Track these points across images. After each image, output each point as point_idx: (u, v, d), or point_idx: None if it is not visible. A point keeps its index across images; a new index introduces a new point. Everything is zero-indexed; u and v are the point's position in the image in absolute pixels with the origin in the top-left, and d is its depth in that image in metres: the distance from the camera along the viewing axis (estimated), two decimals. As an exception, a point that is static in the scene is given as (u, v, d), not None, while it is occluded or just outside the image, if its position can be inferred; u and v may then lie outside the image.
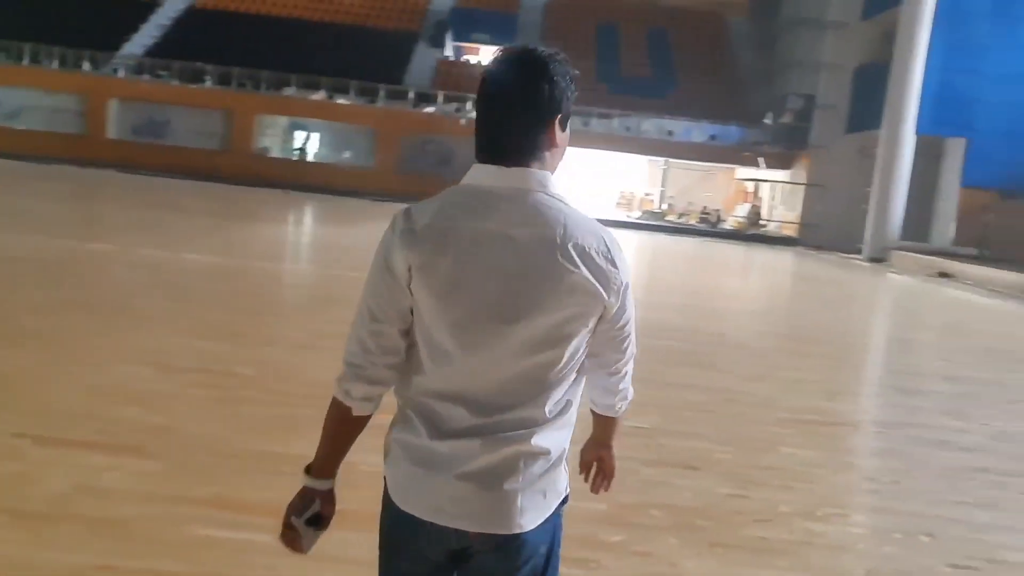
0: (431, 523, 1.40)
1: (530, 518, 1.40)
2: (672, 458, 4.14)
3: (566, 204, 1.40)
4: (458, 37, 33.54)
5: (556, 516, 1.45)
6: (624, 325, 1.46)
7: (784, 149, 27.97)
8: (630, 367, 1.56)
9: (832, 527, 3.52)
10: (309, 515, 1.44)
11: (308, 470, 1.48)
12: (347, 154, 29.95)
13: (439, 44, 32.60)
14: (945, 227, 24.49)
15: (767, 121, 28.67)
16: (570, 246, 1.35)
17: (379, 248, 1.41)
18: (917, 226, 24.02)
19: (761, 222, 29.40)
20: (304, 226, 18.45)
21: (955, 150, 23.77)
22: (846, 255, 23.84)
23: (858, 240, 23.79)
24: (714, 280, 15.36)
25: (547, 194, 1.38)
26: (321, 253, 13.09)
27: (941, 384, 6.98)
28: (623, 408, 1.62)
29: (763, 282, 17.12)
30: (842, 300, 14.18)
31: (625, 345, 1.50)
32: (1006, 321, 12.81)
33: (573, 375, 1.44)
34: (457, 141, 26.29)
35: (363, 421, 1.48)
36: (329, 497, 1.49)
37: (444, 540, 1.41)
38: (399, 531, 1.45)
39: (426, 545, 1.43)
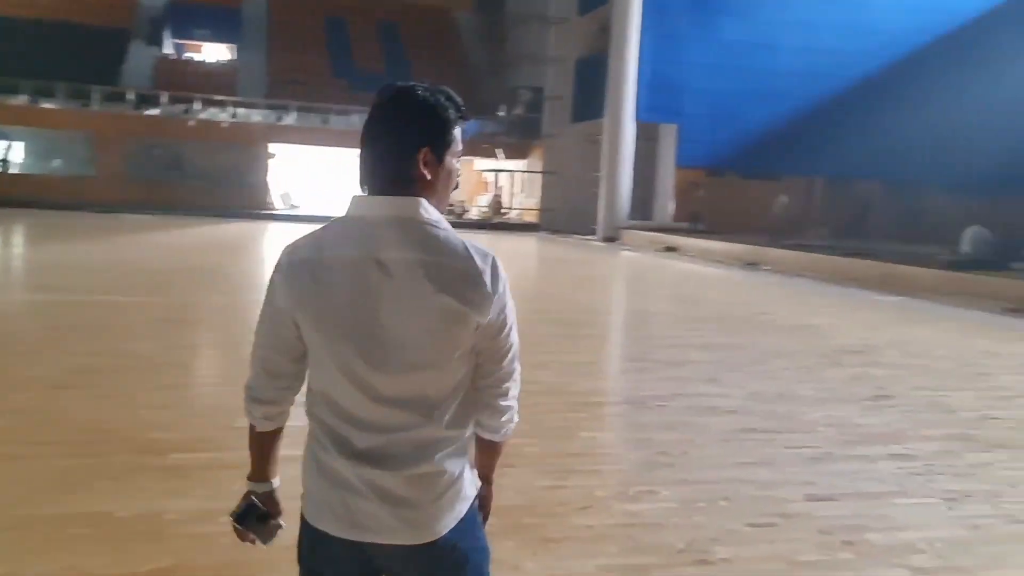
0: (347, 539, 1.48)
1: (443, 524, 1.48)
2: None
3: (438, 228, 1.45)
4: (177, 34, 31.50)
5: (469, 515, 1.53)
6: (502, 344, 1.52)
7: (519, 139, 29.22)
8: (514, 387, 1.59)
9: (646, 505, 3.75)
10: (257, 514, 1.57)
11: (250, 478, 1.60)
12: (57, 163, 27.11)
13: (156, 42, 30.40)
14: (665, 205, 26.81)
15: (501, 113, 29.78)
16: (438, 269, 1.41)
17: (269, 284, 1.50)
18: (643, 206, 26.16)
19: (503, 211, 30.54)
20: (14, 247, 16.48)
21: (669, 134, 26.07)
22: (583, 237, 25.43)
23: (592, 222, 25.46)
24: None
25: (419, 220, 1.44)
26: (52, 276, 11.75)
27: (697, 353, 7.65)
28: (508, 431, 1.62)
29: (517, 268, 17.81)
30: (591, 280, 15.13)
31: (505, 363, 1.54)
32: (728, 287, 14.33)
33: (461, 392, 1.51)
34: (188, 145, 24.73)
35: (275, 434, 1.60)
36: (270, 497, 1.60)
37: (362, 555, 1.49)
38: (317, 549, 1.52)
39: (345, 561, 1.51)
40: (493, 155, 29.34)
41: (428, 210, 1.45)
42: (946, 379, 7.03)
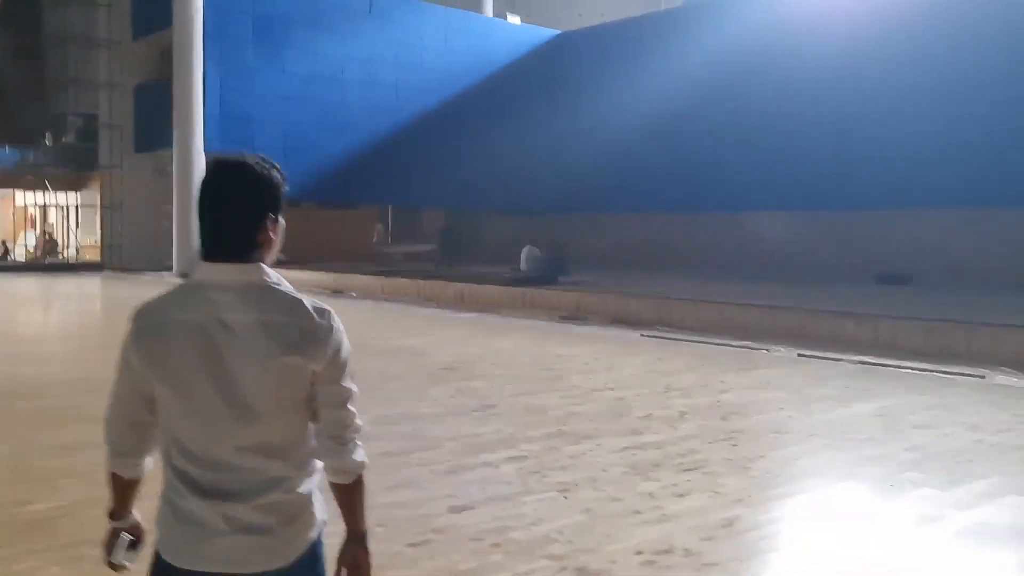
0: (194, 570, 1.59)
1: (294, 549, 1.63)
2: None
3: (279, 288, 1.63)
4: None
5: (316, 544, 1.68)
6: (338, 391, 1.68)
7: (72, 170, 26.40)
8: (351, 430, 1.70)
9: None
10: (128, 543, 1.79)
11: (111, 516, 1.78)
12: None
13: None
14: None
15: (47, 142, 26.64)
16: (277, 327, 1.59)
17: (123, 346, 1.65)
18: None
19: (59, 249, 27.33)
20: None
21: (243, 165, 25.52)
22: (158, 272, 23.82)
23: (167, 257, 23.97)
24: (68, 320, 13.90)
25: (261, 284, 1.62)
26: None
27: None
28: (357, 470, 1.70)
29: (81, 313, 16.13)
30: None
31: (341, 408, 1.69)
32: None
33: (305, 435, 1.67)
34: None
35: (137, 480, 1.77)
36: (136, 526, 1.80)
37: None
38: None
39: None
40: (41, 187, 26.12)
41: (268, 273, 1.63)
42: (533, 383, 8.02)
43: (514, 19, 32.52)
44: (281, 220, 1.69)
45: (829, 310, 11.49)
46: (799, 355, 9.88)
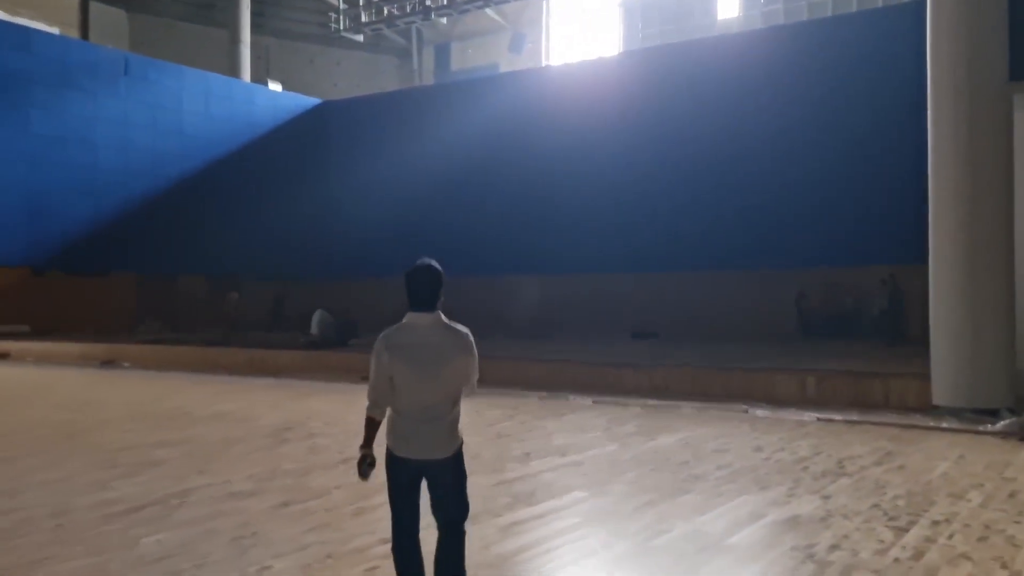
0: (411, 458, 3.46)
1: (450, 447, 3.50)
2: None
3: (452, 323, 3.54)
4: None
5: (459, 449, 3.55)
6: (474, 373, 3.55)
7: None
8: (475, 390, 3.63)
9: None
10: (369, 462, 3.49)
11: (362, 448, 3.52)
12: None
13: None
14: None
15: None
16: (452, 340, 3.50)
17: (375, 350, 3.48)
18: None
19: None
20: None
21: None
22: None
23: None
24: None
25: (440, 320, 3.52)
26: None
27: (166, 451, 7.68)
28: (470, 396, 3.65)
29: None
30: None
31: (475, 380, 3.59)
32: (112, 387, 13.63)
33: (460, 393, 3.54)
34: None
35: (378, 423, 3.55)
36: (372, 454, 3.50)
37: (416, 464, 3.47)
38: (395, 465, 3.50)
39: (408, 469, 3.47)
40: None
41: (442, 315, 3.53)
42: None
43: (276, 86, 32.63)
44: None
45: (612, 361, 13.00)
46: (594, 401, 11.18)
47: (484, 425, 9.25)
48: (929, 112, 10.17)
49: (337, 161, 28.44)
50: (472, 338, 3.49)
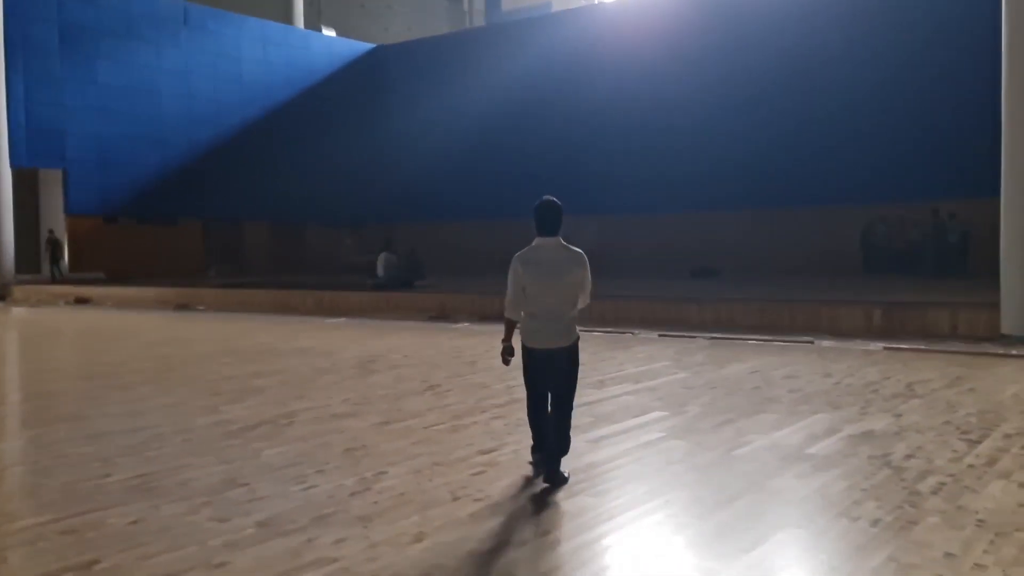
0: (538, 347, 4.63)
1: (569, 339, 4.63)
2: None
3: (569, 246, 4.67)
4: None
5: (578, 339, 4.69)
6: (588, 284, 4.68)
7: None
8: (589, 298, 4.76)
9: (398, 481, 4.61)
10: (510, 351, 4.74)
11: (504, 340, 4.78)
12: None
13: None
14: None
15: None
16: (570, 258, 4.63)
17: (511, 266, 4.63)
18: (29, 258, 23.83)
19: None
20: None
21: (53, 180, 24.23)
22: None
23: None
24: None
25: (563, 244, 4.67)
26: None
27: (264, 380, 8.22)
28: (585, 305, 4.78)
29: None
30: (45, 339, 13.64)
31: (588, 290, 4.70)
32: (196, 327, 14.38)
33: (577, 299, 4.65)
34: None
35: (515, 323, 4.74)
36: (511, 346, 4.75)
37: (544, 352, 4.62)
38: (529, 353, 4.68)
39: (537, 356, 4.65)
40: None
41: (562, 240, 4.66)
42: (456, 368, 8.93)
43: (329, 32, 32.84)
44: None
45: (675, 297, 13.25)
46: (660, 335, 11.47)
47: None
48: (1003, 46, 10.05)
49: (394, 105, 28.68)
50: (586, 256, 4.63)
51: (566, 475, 4.59)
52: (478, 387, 7.69)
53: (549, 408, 4.69)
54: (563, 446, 4.66)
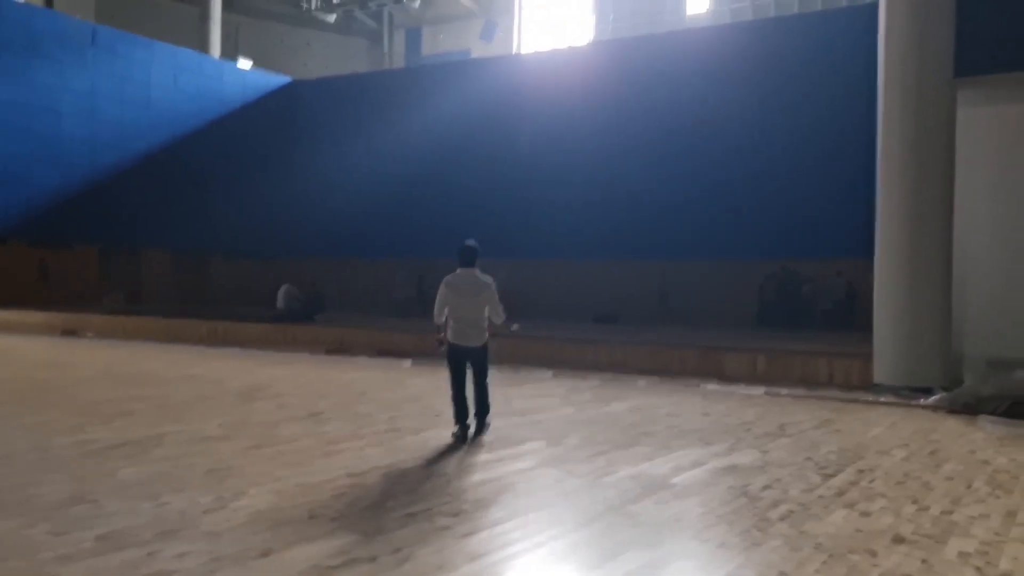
0: (462, 344, 6.59)
1: (482, 339, 6.67)
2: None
3: (481, 275, 6.64)
4: None
5: (486, 342, 6.72)
6: (495, 305, 6.60)
7: None
8: (500, 317, 6.66)
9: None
10: (442, 345, 6.71)
11: (437, 336, 6.76)
12: None
13: None
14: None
15: None
16: (482, 282, 6.55)
17: (440, 287, 6.63)
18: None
19: None
20: None
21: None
22: None
23: None
24: None
25: (477, 273, 6.62)
26: None
27: (139, 404, 7.93)
28: (499, 321, 6.70)
29: None
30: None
31: (498, 307, 6.61)
32: (80, 354, 13.76)
33: (485, 311, 6.54)
34: None
35: (442, 325, 6.69)
36: (444, 340, 6.68)
37: (466, 347, 6.61)
38: (453, 351, 6.64)
39: (461, 350, 6.61)
40: None
41: (478, 271, 6.65)
42: (343, 398, 8.81)
43: (246, 64, 32.53)
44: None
45: (574, 338, 13.43)
46: (554, 374, 11.58)
47: (447, 389, 9.57)
48: (879, 108, 10.70)
49: (306, 141, 28.49)
50: (493, 282, 6.60)
51: (488, 423, 6.77)
52: (361, 416, 7.61)
53: (469, 386, 6.60)
54: (485, 407, 6.73)
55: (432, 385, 10.02)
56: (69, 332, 17.67)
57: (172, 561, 3.54)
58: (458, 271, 6.59)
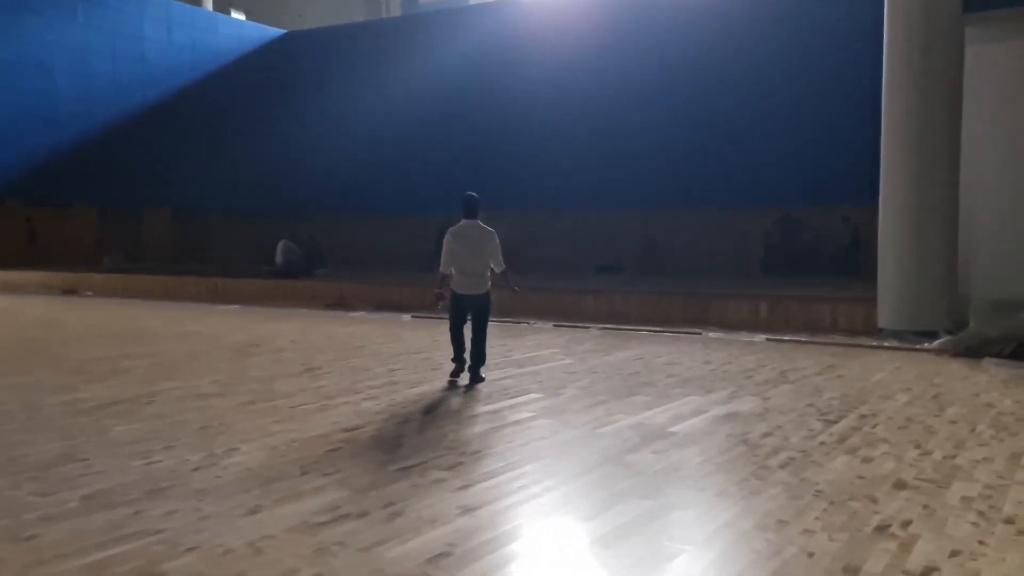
0: (465, 293, 6.81)
1: (484, 288, 6.86)
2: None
3: (485, 226, 6.87)
4: None
5: (489, 290, 6.89)
6: (498, 255, 6.85)
7: None
8: (500, 265, 6.87)
9: (247, 456, 4.42)
10: (442, 300, 6.99)
11: (436, 287, 6.98)
12: None
13: None
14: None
15: None
16: (486, 233, 6.80)
17: (446, 238, 6.83)
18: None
19: None
20: None
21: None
22: None
23: None
24: None
25: (480, 224, 6.86)
26: None
27: (132, 361, 7.87)
28: (500, 269, 6.88)
29: None
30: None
31: (499, 257, 6.86)
32: (75, 312, 13.72)
33: (489, 261, 6.77)
34: None
35: (448, 276, 6.86)
36: (445, 295, 6.92)
37: (470, 296, 6.82)
38: (456, 299, 6.85)
39: (464, 299, 6.84)
40: None
41: (480, 221, 6.86)
42: (342, 352, 8.74)
43: (239, 16, 31.96)
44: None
45: (572, 289, 13.31)
46: (554, 326, 11.49)
47: (445, 343, 9.49)
48: (885, 47, 10.41)
49: (303, 93, 28.05)
50: (496, 233, 6.80)
51: (483, 376, 6.88)
52: (358, 370, 7.53)
53: (468, 331, 6.83)
54: (481, 359, 6.90)
55: (430, 339, 9.94)
56: (69, 291, 17.60)
57: (158, 520, 3.47)
58: (462, 222, 6.77)
